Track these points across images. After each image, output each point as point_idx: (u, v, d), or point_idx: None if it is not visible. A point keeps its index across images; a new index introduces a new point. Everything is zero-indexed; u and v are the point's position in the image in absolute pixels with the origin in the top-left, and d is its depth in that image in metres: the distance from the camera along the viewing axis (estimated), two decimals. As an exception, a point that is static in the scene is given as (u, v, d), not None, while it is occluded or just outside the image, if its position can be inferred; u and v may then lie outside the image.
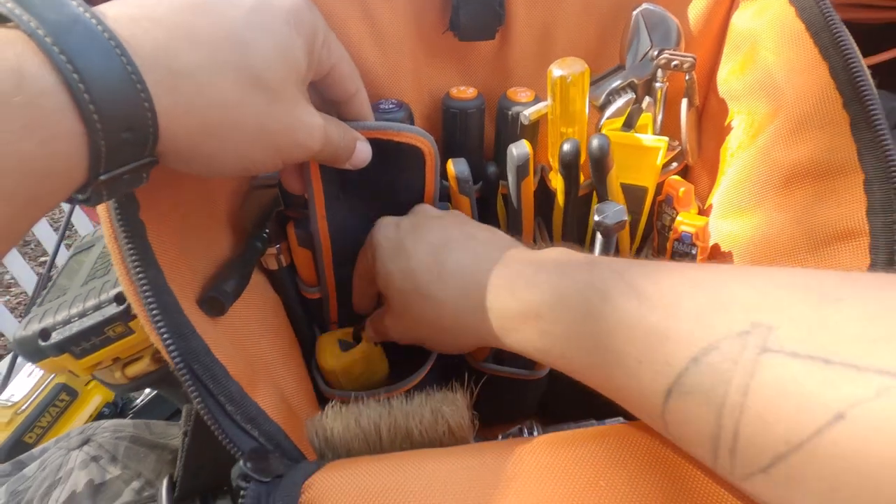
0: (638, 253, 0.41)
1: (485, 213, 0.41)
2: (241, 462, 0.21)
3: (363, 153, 0.31)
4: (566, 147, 0.33)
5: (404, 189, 0.35)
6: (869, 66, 0.68)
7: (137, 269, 0.22)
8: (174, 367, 0.22)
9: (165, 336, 0.21)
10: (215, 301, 0.27)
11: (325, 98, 0.31)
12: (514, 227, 0.40)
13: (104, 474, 0.39)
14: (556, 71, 0.32)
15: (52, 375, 0.50)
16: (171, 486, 0.26)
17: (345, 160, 0.30)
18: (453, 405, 0.25)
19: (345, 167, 0.31)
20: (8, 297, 1.66)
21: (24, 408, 0.49)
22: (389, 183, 0.34)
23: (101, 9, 0.20)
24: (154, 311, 0.21)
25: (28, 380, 0.51)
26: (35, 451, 0.43)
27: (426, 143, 0.33)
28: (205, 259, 0.30)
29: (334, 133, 0.28)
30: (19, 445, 0.50)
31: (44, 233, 1.46)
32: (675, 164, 0.39)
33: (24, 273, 1.39)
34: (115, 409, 0.54)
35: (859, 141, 0.27)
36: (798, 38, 0.29)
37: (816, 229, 0.29)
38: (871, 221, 0.27)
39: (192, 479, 0.27)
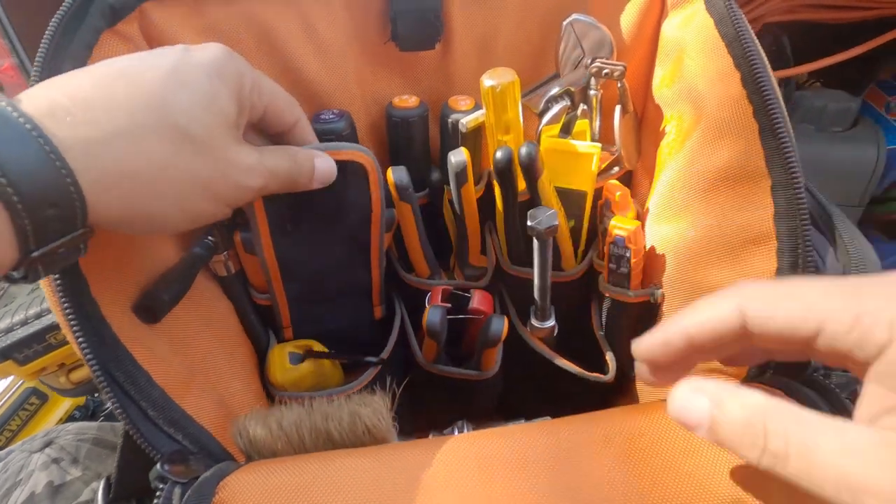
0: (584, 256, 0.42)
1: (432, 218, 0.42)
2: (158, 464, 0.23)
3: (326, 168, 0.31)
4: (498, 155, 0.34)
5: (351, 207, 0.36)
6: (828, 67, 0.69)
7: (56, 280, 0.23)
8: (92, 373, 0.23)
9: (83, 344, 0.22)
10: (149, 308, 0.28)
11: (267, 133, 0.31)
12: (460, 233, 0.41)
13: (64, 475, 0.40)
14: (487, 81, 0.33)
15: (21, 380, 0.51)
16: (108, 487, 0.28)
17: (307, 182, 0.31)
18: (371, 407, 0.26)
19: (313, 187, 0.31)
20: None
21: (-7, 411, 0.50)
22: (336, 203, 0.35)
23: (20, 95, 0.21)
24: (72, 320, 0.22)
25: (-2, 384, 0.52)
26: (0, 453, 0.44)
27: (366, 157, 0.33)
28: (145, 266, 0.31)
29: (276, 163, 0.29)
30: (-10, 448, 0.51)
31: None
32: (616, 169, 0.40)
33: None
34: (87, 413, 0.55)
35: (767, 148, 0.28)
36: (716, 49, 0.30)
37: (734, 233, 0.30)
38: (778, 226, 0.28)
39: (129, 481, 0.28)
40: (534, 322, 0.42)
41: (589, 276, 0.43)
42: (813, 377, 0.27)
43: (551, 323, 0.42)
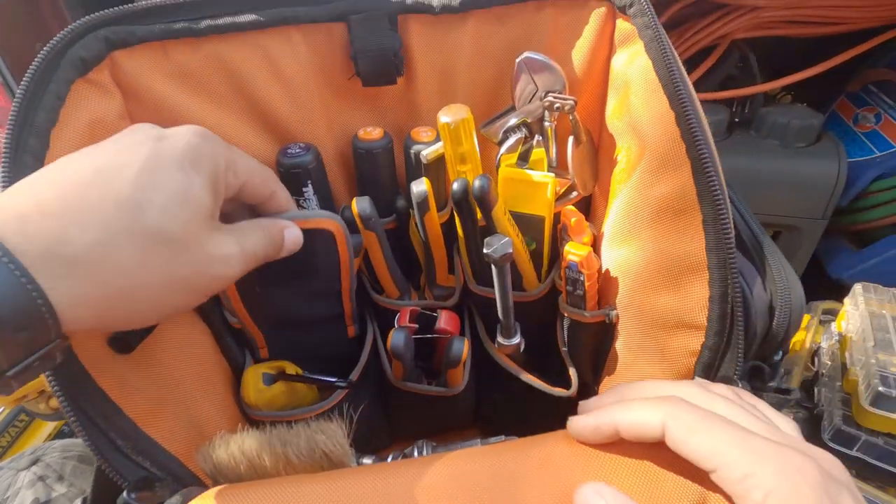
0: (547, 276, 0.44)
1: (401, 241, 0.44)
2: (125, 492, 0.24)
3: (293, 238, 0.32)
4: (455, 187, 0.35)
5: (321, 266, 0.37)
6: (796, 82, 0.70)
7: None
8: (60, 405, 0.24)
9: (51, 378, 0.24)
10: (123, 340, 0.30)
11: (244, 204, 0.32)
12: (427, 256, 0.43)
13: (50, 492, 0.42)
14: (443, 118, 0.35)
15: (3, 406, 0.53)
16: (84, 508, 0.29)
17: (276, 254, 0.31)
18: (326, 434, 0.28)
19: (282, 256, 0.32)
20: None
21: (-17, 429, 0.52)
22: (305, 265, 0.36)
23: None
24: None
25: (-11, 402, 0.54)
26: (-10, 471, 0.46)
27: (334, 223, 0.35)
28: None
29: (255, 244, 0.29)
30: (-19, 464, 0.53)
31: None
32: (574, 194, 0.42)
33: None
34: (76, 427, 0.57)
35: (698, 184, 0.30)
36: (655, 89, 0.32)
37: (674, 261, 0.32)
38: (709, 258, 0.29)
39: (105, 502, 0.30)
40: (500, 339, 0.44)
41: (553, 295, 0.44)
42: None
43: (517, 340, 0.44)
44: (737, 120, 0.65)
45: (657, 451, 0.25)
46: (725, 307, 0.29)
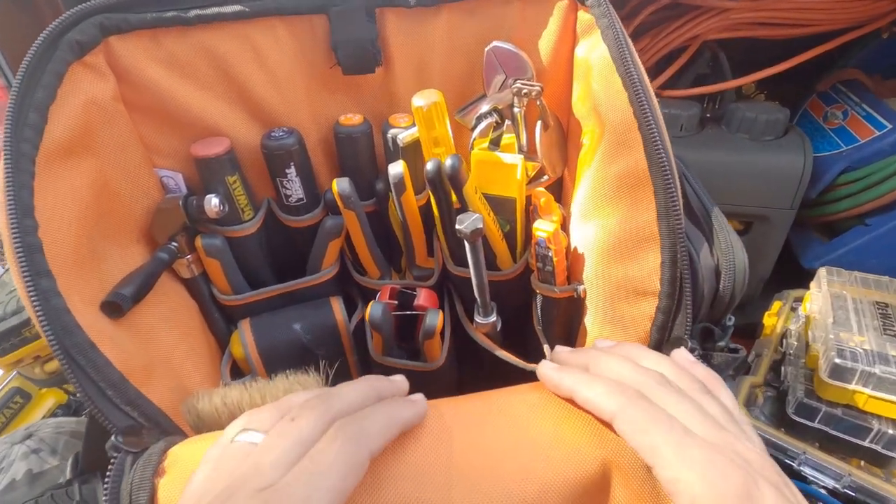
0: (522, 254, 0.47)
1: (381, 223, 0.46)
2: (113, 437, 0.26)
3: None
4: (428, 167, 0.38)
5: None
6: (771, 80, 0.73)
7: (27, 279, 0.27)
8: (54, 353, 0.26)
9: (47, 330, 0.26)
10: (113, 304, 0.32)
11: None
12: (406, 238, 0.45)
13: (42, 464, 0.44)
14: (416, 101, 0.37)
15: (7, 380, 0.55)
16: (76, 461, 0.31)
17: None
18: (303, 386, 0.30)
19: None
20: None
21: (-22, 410, 0.53)
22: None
23: None
24: (38, 310, 0.26)
25: (-16, 385, 0.56)
26: (-16, 447, 0.47)
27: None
28: (117, 268, 0.35)
29: None
30: (-24, 445, 0.55)
31: None
32: (545, 177, 0.44)
33: None
34: (69, 411, 0.58)
35: (649, 158, 0.32)
36: (611, 73, 0.35)
37: (632, 232, 0.35)
38: (660, 225, 0.32)
39: (95, 455, 0.32)
40: (477, 318, 0.46)
41: (528, 278, 0.47)
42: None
43: (493, 318, 0.46)
44: (708, 115, 0.68)
45: None
46: (675, 271, 0.31)
